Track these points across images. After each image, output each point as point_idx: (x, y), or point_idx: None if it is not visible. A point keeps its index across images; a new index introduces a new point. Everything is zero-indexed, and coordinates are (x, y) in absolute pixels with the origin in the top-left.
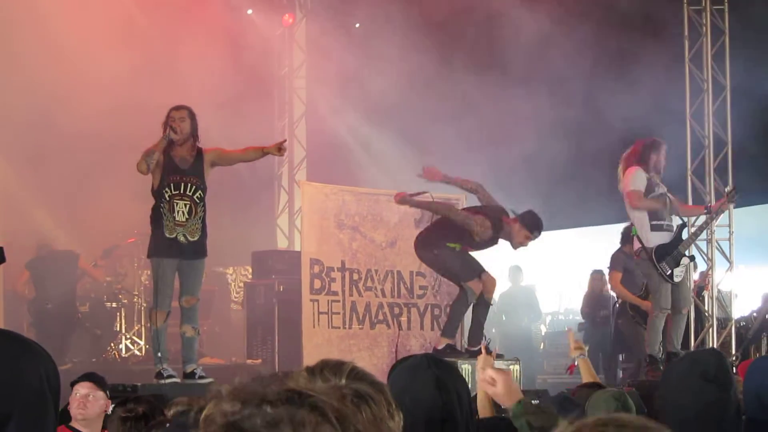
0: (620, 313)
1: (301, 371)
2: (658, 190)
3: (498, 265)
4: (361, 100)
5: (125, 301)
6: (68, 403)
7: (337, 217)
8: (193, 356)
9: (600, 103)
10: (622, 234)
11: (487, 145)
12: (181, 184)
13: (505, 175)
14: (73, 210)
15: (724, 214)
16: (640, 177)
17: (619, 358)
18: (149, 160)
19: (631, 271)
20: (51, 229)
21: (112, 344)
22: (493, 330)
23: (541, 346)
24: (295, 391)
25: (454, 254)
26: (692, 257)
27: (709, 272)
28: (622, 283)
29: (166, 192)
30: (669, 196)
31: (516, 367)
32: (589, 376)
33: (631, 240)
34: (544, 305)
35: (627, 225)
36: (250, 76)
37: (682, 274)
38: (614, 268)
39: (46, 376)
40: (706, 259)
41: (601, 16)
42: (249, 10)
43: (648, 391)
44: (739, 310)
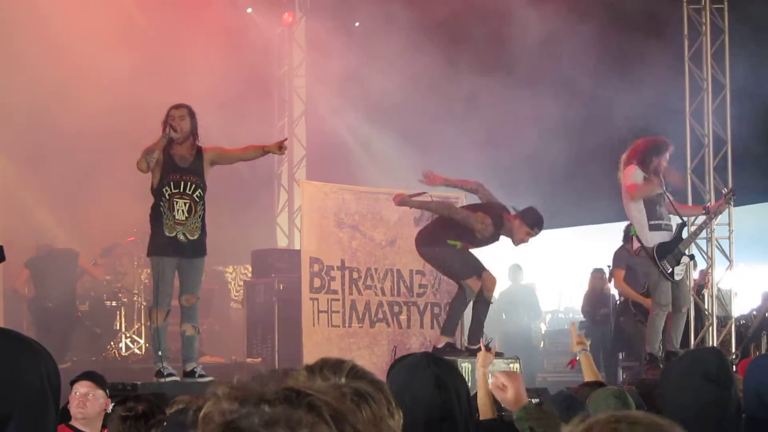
0: (622, 311)
1: (300, 370)
2: (657, 189)
3: (498, 264)
4: (361, 99)
5: (125, 300)
6: (68, 402)
7: (337, 216)
8: (194, 355)
9: (600, 102)
10: (624, 232)
11: (487, 145)
12: (181, 183)
13: (505, 175)
14: (73, 209)
15: (724, 213)
16: (637, 174)
17: (619, 356)
18: (149, 158)
19: (633, 269)
20: (51, 228)
21: (112, 343)
22: (494, 336)
23: (541, 345)
24: (294, 390)
25: (455, 252)
26: (692, 256)
27: (709, 271)
28: (624, 281)
29: (166, 190)
30: (668, 197)
31: (516, 366)
32: (590, 372)
33: (631, 239)
34: (544, 304)
35: (628, 224)
36: (249, 75)
37: (683, 273)
38: (617, 266)
39: (47, 375)
40: (706, 257)
41: (601, 16)
42: (249, 9)
43: (648, 389)
44: (739, 308)
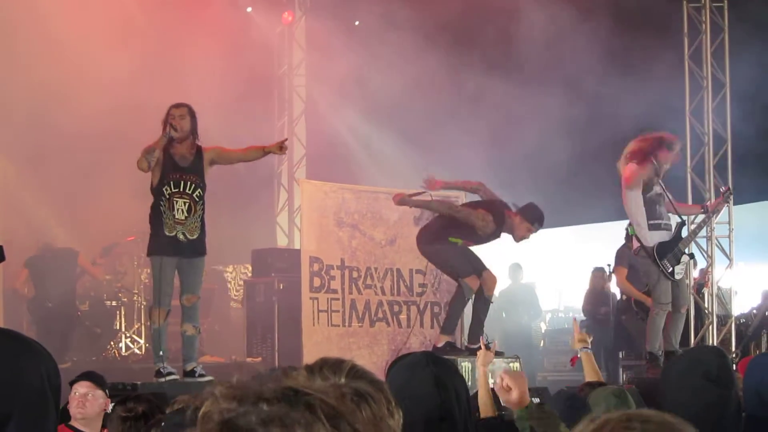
0: (624, 310)
1: (300, 370)
2: (656, 189)
3: (498, 263)
4: (361, 98)
5: (125, 300)
6: (67, 402)
7: (337, 215)
8: (194, 355)
9: (601, 102)
10: (626, 230)
11: (487, 144)
12: (181, 182)
13: (505, 174)
14: (73, 209)
15: (724, 212)
16: (637, 172)
17: (620, 355)
18: (149, 157)
19: (636, 267)
20: (51, 228)
21: (112, 343)
22: (494, 335)
23: (541, 344)
24: (292, 389)
25: (455, 249)
26: (692, 255)
27: (709, 269)
28: (627, 279)
29: (166, 190)
30: (667, 195)
31: (516, 365)
32: (591, 371)
33: (631, 238)
34: (544, 303)
35: (629, 222)
36: (249, 74)
37: (682, 272)
38: (620, 264)
39: (47, 375)
40: (705, 256)
41: (601, 15)
42: (248, 8)
43: (648, 388)
44: (739, 307)
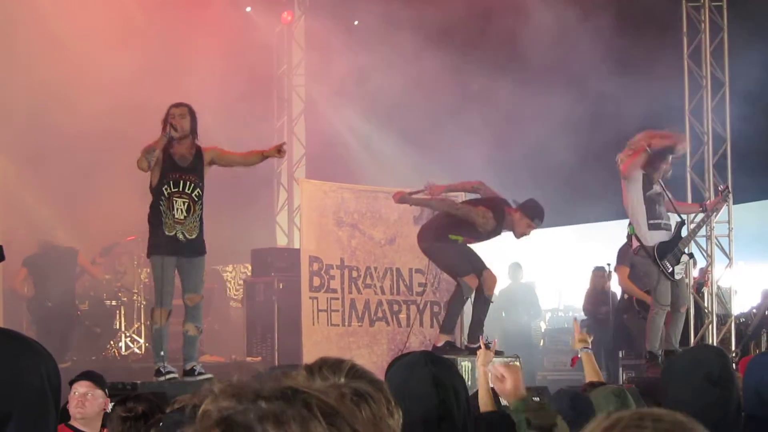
0: (626, 309)
1: (300, 369)
2: (655, 188)
3: (498, 262)
4: (360, 97)
5: (125, 299)
6: (67, 402)
7: (336, 215)
8: (194, 354)
9: (601, 101)
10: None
11: (486, 143)
12: (180, 182)
13: (505, 173)
14: (73, 209)
15: (724, 211)
16: (630, 159)
17: (619, 355)
18: (149, 157)
19: (637, 266)
20: (51, 228)
21: (112, 342)
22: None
23: (541, 343)
24: (291, 388)
25: (455, 248)
26: (691, 254)
27: (709, 269)
28: (629, 278)
29: (165, 189)
30: (667, 194)
31: (516, 364)
32: (591, 371)
33: (631, 238)
34: (544, 302)
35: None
36: (249, 73)
37: (682, 272)
38: (622, 263)
39: (47, 375)
40: (705, 255)
41: (602, 15)
42: (248, 8)
43: (647, 387)
44: (739, 306)
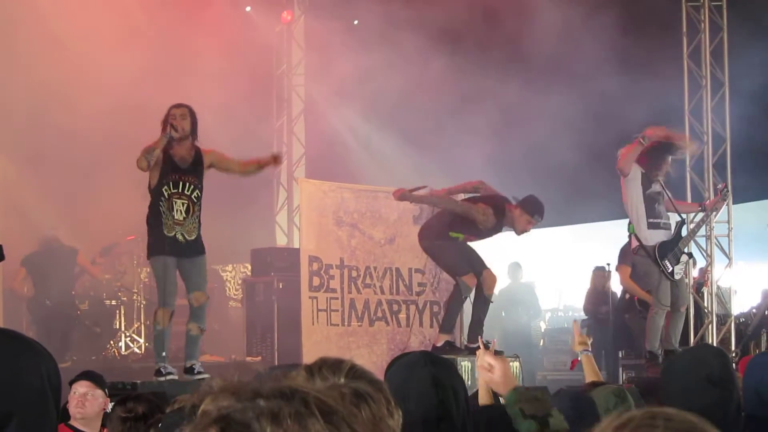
0: (628, 308)
1: (300, 370)
2: (654, 187)
3: (498, 262)
4: (360, 97)
5: (125, 299)
6: (67, 402)
7: (336, 215)
8: (195, 353)
9: (602, 101)
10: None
11: (486, 143)
12: (180, 183)
13: (505, 173)
14: (73, 209)
15: (723, 211)
16: (635, 168)
17: (619, 354)
18: (149, 156)
19: (638, 266)
20: (51, 228)
21: (112, 342)
22: (494, 334)
23: (541, 343)
24: (290, 387)
25: (455, 247)
26: (690, 254)
27: (709, 268)
28: (630, 278)
29: (165, 190)
30: (667, 193)
31: (516, 364)
32: (591, 373)
33: (630, 237)
34: (544, 302)
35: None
36: (248, 73)
37: (682, 272)
38: (623, 262)
39: (47, 375)
40: (705, 255)
41: (603, 15)
42: (247, 8)
43: (647, 387)
44: (739, 306)
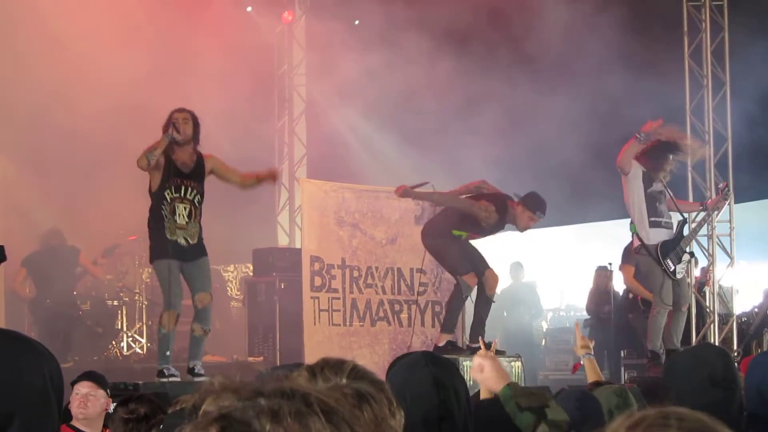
0: (631, 308)
1: (302, 371)
2: (656, 186)
3: (499, 262)
4: (361, 97)
5: (126, 299)
6: (69, 402)
7: (337, 215)
8: (198, 354)
9: (603, 100)
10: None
11: (488, 143)
12: (182, 188)
13: (506, 173)
14: (73, 209)
15: (725, 210)
16: (635, 167)
17: (621, 354)
18: (150, 156)
19: (640, 265)
20: (52, 227)
21: (114, 342)
22: (495, 334)
23: (543, 343)
24: (291, 387)
25: (457, 246)
26: (692, 253)
27: (710, 268)
28: (634, 277)
29: (167, 194)
30: (668, 193)
31: (517, 364)
32: (594, 376)
33: (633, 237)
34: (546, 301)
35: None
36: (249, 73)
37: (683, 271)
38: (627, 262)
39: (50, 376)
40: (707, 254)
41: (605, 13)
42: (248, 8)
43: (649, 387)
44: (741, 305)
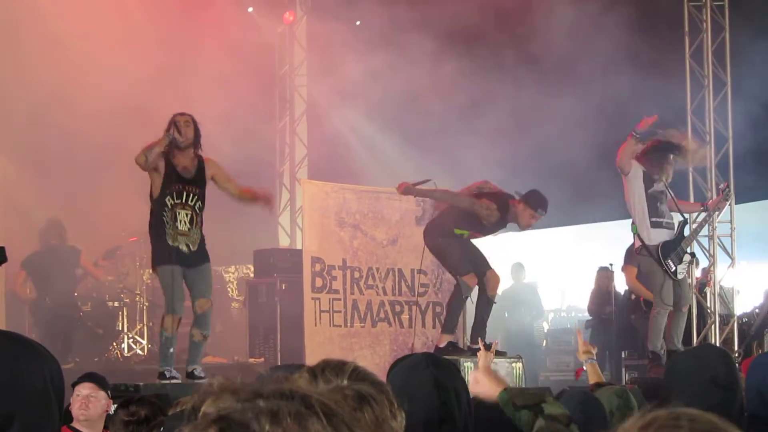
0: (633, 309)
1: (302, 372)
2: (657, 186)
3: (500, 263)
4: (363, 97)
5: (127, 301)
6: (69, 404)
7: (338, 215)
8: (197, 358)
9: (604, 101)
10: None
11: (489, 144)
12: (183, 193)
13: (507, 173)
14: (73, 210)
15: (726, 211)
16: (636, 167)
17: (622, 355)
18: (149, 153)
19: (641, 266)
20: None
21: (114, 344)
22: (496, 334)
23: (544, 344)
24: (291, 389)
25: (459, 246)
26: (693, 254)
27: (711, 268)
28: (636, 278)
29: (169, 200)
30: (669, 193)
31: (518, 365)
32: (596, 380)
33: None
34: (547, 302)
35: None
36: (251, 74)
37: (684, 272)
38: (629, 263)
39: (50, 377)
40: (708, 255)
41: (607, 14)
42: (249, 8)
43: (650, 388)
44: (741, 306)
